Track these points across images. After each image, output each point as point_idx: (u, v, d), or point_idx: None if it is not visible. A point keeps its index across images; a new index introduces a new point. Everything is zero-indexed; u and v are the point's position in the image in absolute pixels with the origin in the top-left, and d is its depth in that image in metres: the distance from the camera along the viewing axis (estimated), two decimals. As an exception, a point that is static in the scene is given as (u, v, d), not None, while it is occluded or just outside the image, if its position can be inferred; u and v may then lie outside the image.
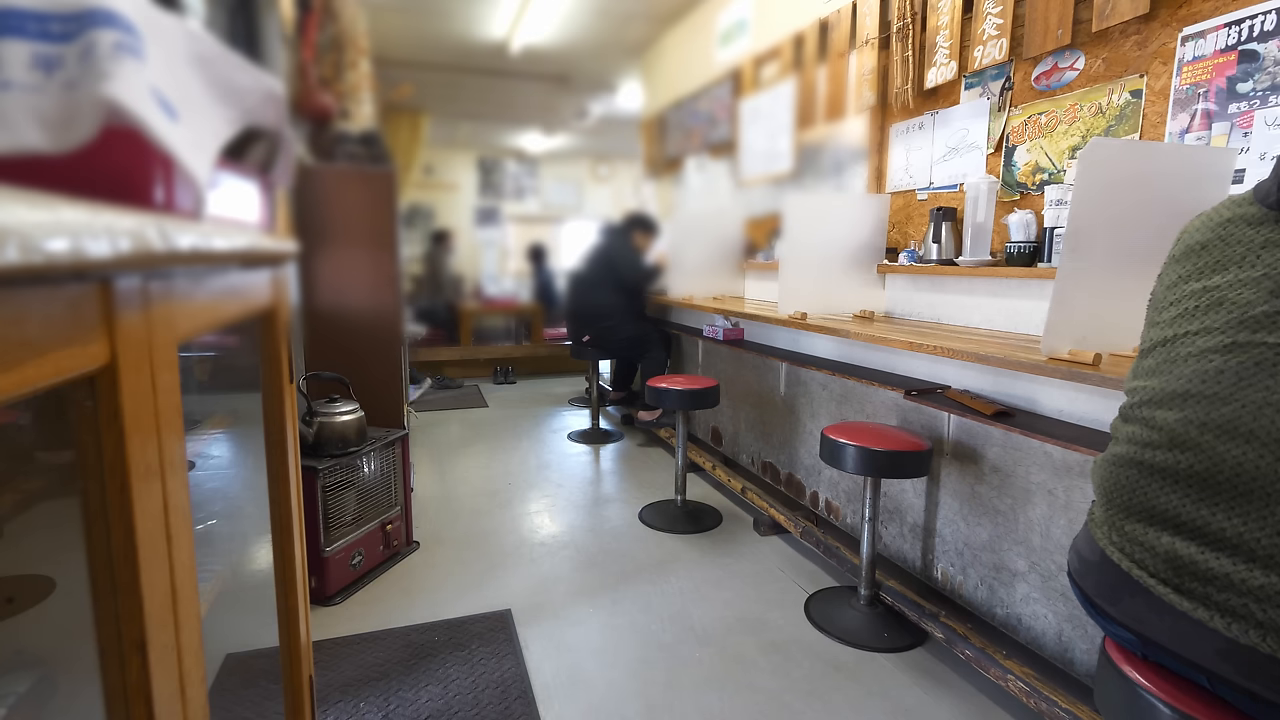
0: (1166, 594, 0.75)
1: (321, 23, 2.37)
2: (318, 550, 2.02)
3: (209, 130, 0.62)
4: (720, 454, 3.51)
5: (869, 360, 2.43)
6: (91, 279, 0.39)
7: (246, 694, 1.29)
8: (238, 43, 1.73)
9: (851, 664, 1.82)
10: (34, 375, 0.33)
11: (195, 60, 0.62)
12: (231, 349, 1.20)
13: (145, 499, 0.45)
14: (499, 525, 2.75)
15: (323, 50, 2.42)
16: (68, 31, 0.48)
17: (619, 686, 1.72)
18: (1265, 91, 1.63)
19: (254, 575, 1.30)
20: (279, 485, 0.84)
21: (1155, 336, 0.87)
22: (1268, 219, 0.79)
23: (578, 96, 6.62)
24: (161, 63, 0.54)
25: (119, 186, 0.51)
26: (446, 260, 6.51)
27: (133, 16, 0.50)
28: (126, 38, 0.49)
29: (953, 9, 2.45)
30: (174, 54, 0.58)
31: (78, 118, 0.47)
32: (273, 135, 0.78)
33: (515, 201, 8.53)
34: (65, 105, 0.47)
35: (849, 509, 2.48)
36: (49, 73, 0.47)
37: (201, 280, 0.58)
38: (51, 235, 0.31)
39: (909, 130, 2.78)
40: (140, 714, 0.45)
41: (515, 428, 4.36)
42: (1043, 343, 1.56)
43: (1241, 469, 0.70)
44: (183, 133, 0.55)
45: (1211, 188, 1.51)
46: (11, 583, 0.80)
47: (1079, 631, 1.60)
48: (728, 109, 4.33)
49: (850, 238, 2.65)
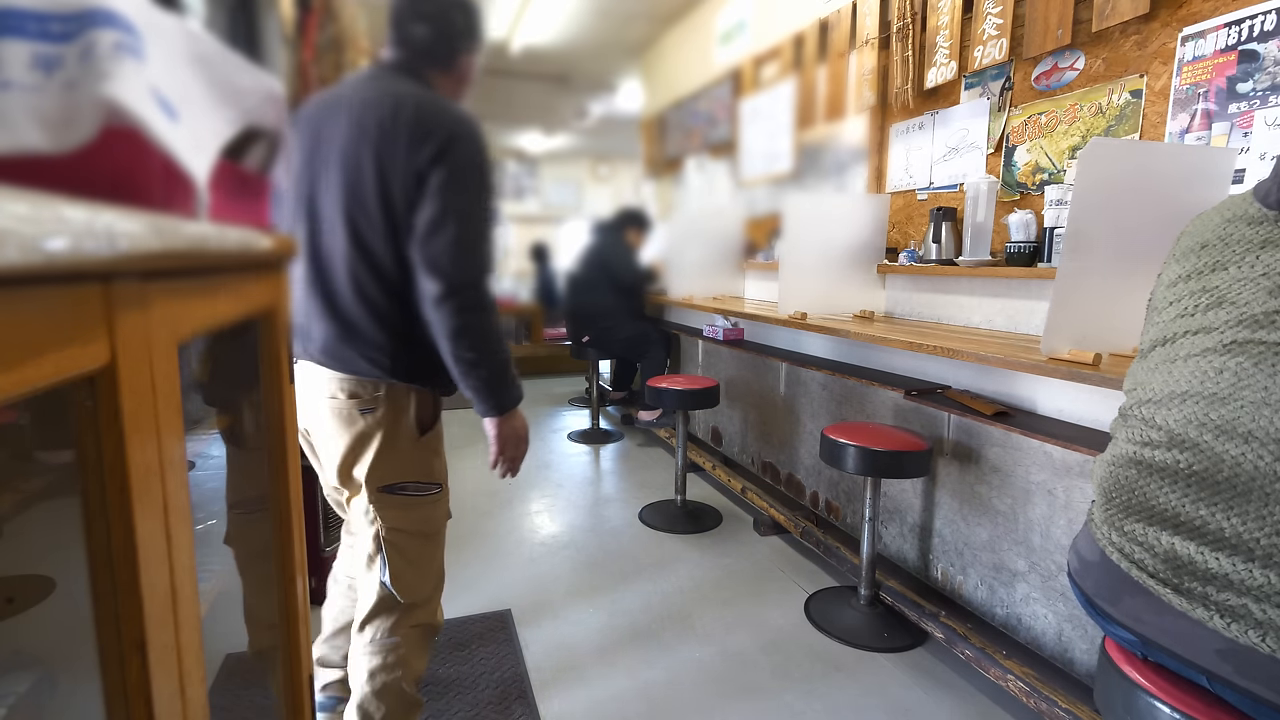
0: (1166, 594, 0.75)
1: (321, 23, 2.37)
2: (318, 550, 2.02)
3: (209, 130, 0.62)
4: (720, 454, 3.51)
5: (869, 360, 2.43)
6: (91, 279, 0.39)
7: (246, 694, 1.29)
8: (238, 43, 1.73)
9: (851, 664, 1.82)
10: (34, 375, 0.33)
11: (195, 60, 0.62)
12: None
13: (145, 499, 0.45)
14: (499, 525, 2.75)
15: (323, 50, 2.42)
16: (68, 31, 0.48)
17: (619, 686, 1.72)
18: (1265, 91, 1.63)
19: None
20: (279, 485, 0.84)
21: (1155, 336, 0.87)
22: (1267, 218, 0.79)
23: (578, 96, 6.62)
24: (161, 63, 0.54)
25: (119, 186, 0.51)
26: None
27: (133, 16, 0.50)
28: (126, 38, 0.49)
29: (953, 9, 2.45)
30: (174, 54, 0.58)
31: (78, 118, 0.47)
32: (273, 135, 0.78)
33: (515, 201, 8.52)
34: (65, 105, 0.47)
35: (849, 509, 2.48)
36: (49, 73, 0.47)
37: (201, 280, 0.58)
38: (51, 235, 0.31)
39: (909, 130, 2.78)
40: (140, 714, 0.45)
41: (515, 428, 4.35)
42: (1043, 343, 1.56)
43: (1240, 468, 0.70)
44: (183, 133, 0.55)
45: (1211, 188, 1.51)
46: (11, 583, 0.80)
47: (1079, 631, 1.60)
48: (728, 109, 4.33)
49: (850, 238, 2.65)
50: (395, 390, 1.20)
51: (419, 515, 1.26)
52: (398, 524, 1.23)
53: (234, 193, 0.72)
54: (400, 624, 1.25)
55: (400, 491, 1.23)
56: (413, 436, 1.23)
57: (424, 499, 1.26)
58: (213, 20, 1.61)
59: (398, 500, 1.23)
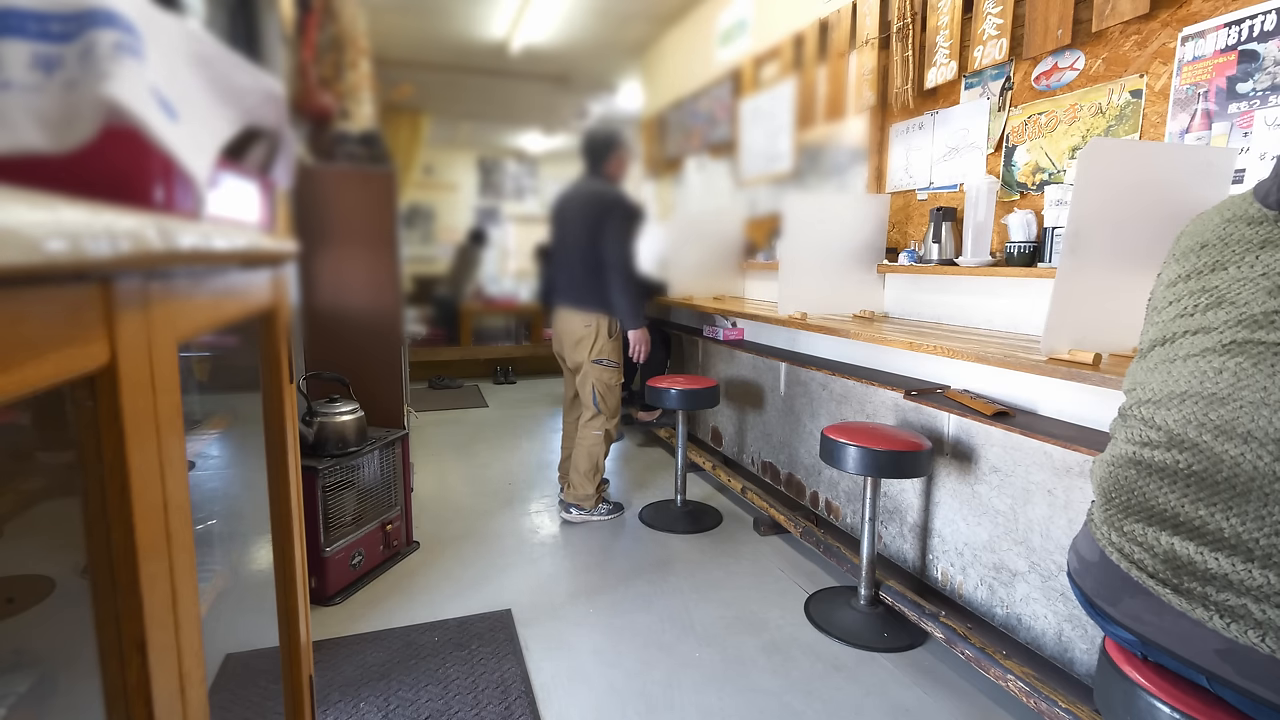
0: (1165, 594, 0.75)
1: (321, 23, 2.37)
2: (318, 550, 2.02)
3: (209, 130, 0.62)
4: (720, 454, 3.51)
5: (869, 360, 2.43)
6: (91, 279, 0.39)
7: (246, 694, 1.29)
8: (238, 43, 1.73)
9: (851, 664, 1.82)
10: (34, 375, 0.33)
11: (195, 60, 0.62)
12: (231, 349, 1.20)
13: (145, 499, 0.45)
14: (499, 525, 2.75)
15: (323, 50, 2.42)
16: (68, 31, 0.48)
17: (619, 686, 1.72)
18: (1265, 91, 1.63)
19: (254, 575, 1.30)
20: (279, 485, 0.84)
21: (1154, 336, 0.87)
22: (1267, 218, 0.79)
23: (578, 96, 6.61)
24: (161, 63, 0.54)
25: (119, 186, 0.51)
26: (479, 260, 6.45)
27: (133, 16, 0.50)
28: (126, 38, 0.49)
29: (953, 9, 2.45)
30: (174, 54, 0.58)
31: (78, 118, 0.47)
32: (273, 135, 0.78)
33: (515, 201, 8.51)
34: (65, 105, 0.47)
35: (849, 509, 2.48)
36: (49, 73, 0.47)
37: (201, 280, 0.59)
38: (51, 235, 0.31)
39: (909, 130, 2.78)
40: (140, 714, 0.45)
41: (515, 427, 4.36)
42: (1042, 343, 1.56)
43: (1240, 468, 0.70)
44: (183, 133, 0.55)
45: (1211, 188, 1.51)
46: (11, 583, 0.80)
47: (1079, 631, 1.60)
48: (728, 109, 4.33)
49: (850, 238, 2.65)
50: (599, 316, 2.63)
51: (610, 374, 2.70)
52: (600, 377, 2.68)
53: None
54: (598, 423, 2.72)
55: (601, 363, 2.66)
56: (606, 337, 2.65)
57: (612, 368, 2.70)
58: (213, 20, 1.61)
59: (600, 367, 2.67)
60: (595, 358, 2.65)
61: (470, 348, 5.95)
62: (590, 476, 2.75)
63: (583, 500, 2.78)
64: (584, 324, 2.64)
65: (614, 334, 2.66)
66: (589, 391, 2.69)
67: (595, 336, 2.64)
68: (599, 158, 2.69)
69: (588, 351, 2.65)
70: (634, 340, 2.64)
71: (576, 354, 2.68)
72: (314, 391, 2.26)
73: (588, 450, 2.73)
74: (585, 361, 2.66)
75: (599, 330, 2.63)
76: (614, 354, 2.68)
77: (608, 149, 2.69)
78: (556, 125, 7.70)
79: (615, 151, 2.70)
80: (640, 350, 2.65)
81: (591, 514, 2.79)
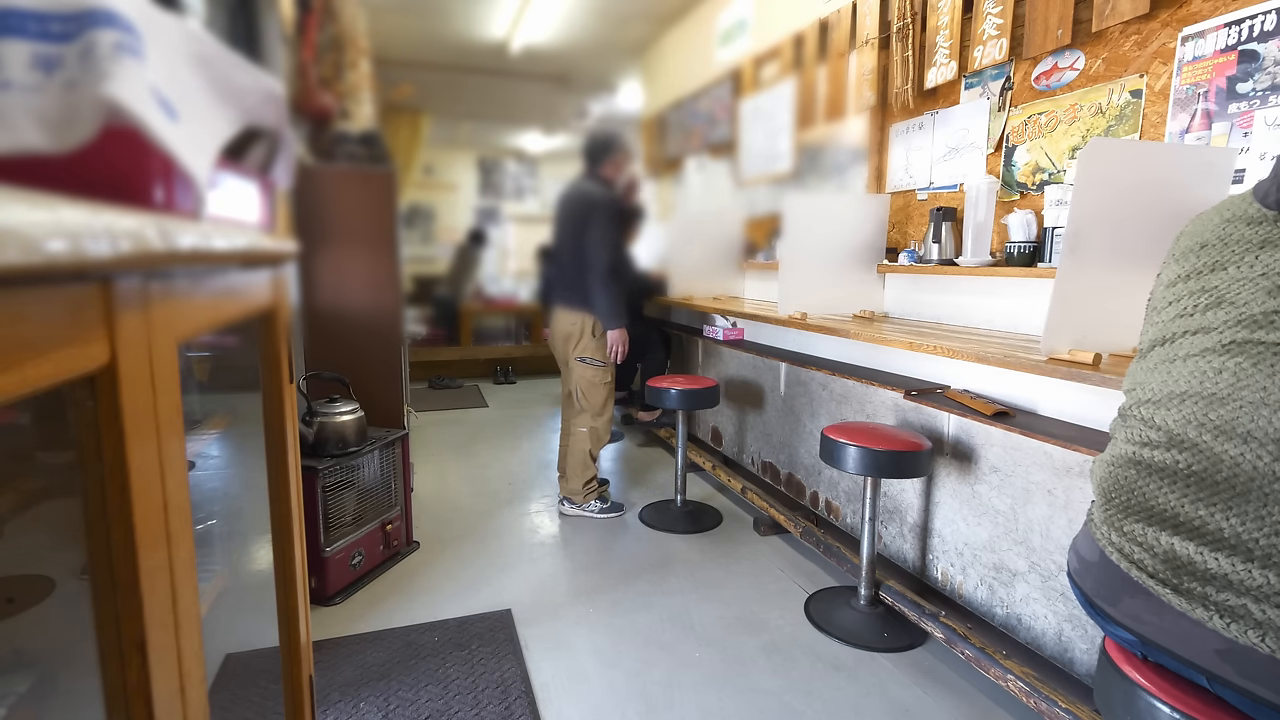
0: (1165, 594, 0.75)
1: (321, 23, 2.37)
2: (318, 550, 2.02)
3: (209, 130, 0.62)
4: (720, 454, 3.51)
5: (869, 360, 2.43)
6: (91, 279, 0.39)
7: (246, 694, 1.29)
8: (238, 43, 1.73)
9: (851, 664, 1.82)
10: (34, 375, 0.33)
11: (195, 60, 0.62)
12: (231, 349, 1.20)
13: (145, 499, 0.45)
14: (499, 525, 2.75)
15: (323, 50, 2.41)
16: (68, 31, 0.48)
17: (619, 686, 1.72)
18: (1265, 91, 1.63)
19: (254, 575, 1.30)
20: (279, 485, 0.84)
21: (1154, 336, 0.87)
22: (1267, 218, 0.79)
23: (578, 96, 6.61)
24: (161, 63, 0.54)
25: (119, 186, 0.51)
26: (479, 260, 6.45)
27: (133, 16, 0.50)
28: (126, 38, 0.49)
29: (953, 9, 2.45)
30: (174, 54, 0.58)
31: (78, 118, 0.47)
32: (273, 135, 0.78)
33: (515, 201, 8.50)
34: (65, 105, 0.47)
35: (849, 509, 2.48)
36: (49, 73, 0.47)
37: (201, 280, 0.58)
38: (51, 235, 0.31)
39: (909, 130, 2.78)
40: (140, 714, 0.45)
41: (515, 428, 4.36)
42: (1042, 342, 1.56)
43: (1239, 468, 0.70)
44: (183, 133, 0.55)
45: (1211, 188, 1.51)
46: (11, 583, 0.80)
47: (1079, 631, 1.60)
48: (728, 109, 4.33)
49: (850, 238, 2.65)
50: (585, 315, 2.68)
51: (593, 372, 2.74)
52: (583, 375, 2.74)
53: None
54: (584, 420, 2.78)
55: (585, 361, 2.72)
56: (590, 336, 2.70)
57: (596, 367, 2.74)
58: (213, 20, 1.60)
59: (584, 365, 2.72)
60: (579, 355, 2.72)
61: (470, 348, 5.95)
62: (580, 471, 2.81)
63: (573, 494, 2.83)
64: (571, 322, 2.71)
65: (598, 333, 2.70)
66: (573, 385, 2.81)
67: (580, 335, 2.70)
68: (596, 159, 2.72)
69: (573, 349, 2.73)
70: (611, 340, 2.67)
71: (566, 351, 2.78)
72: (314, 391, 2.26)
73: (576, 446, 2.81)
74: (571, 359, 2.76)
75: (584, 329, 2.69)
76: (598, 353, 2.72)
77: (605, 151, 2.72)
78: (556, 125, 7.70)
79: (612, 154, 2.72)
80: (617, 350, 2.68)
81: (584, 508, 2.83)
